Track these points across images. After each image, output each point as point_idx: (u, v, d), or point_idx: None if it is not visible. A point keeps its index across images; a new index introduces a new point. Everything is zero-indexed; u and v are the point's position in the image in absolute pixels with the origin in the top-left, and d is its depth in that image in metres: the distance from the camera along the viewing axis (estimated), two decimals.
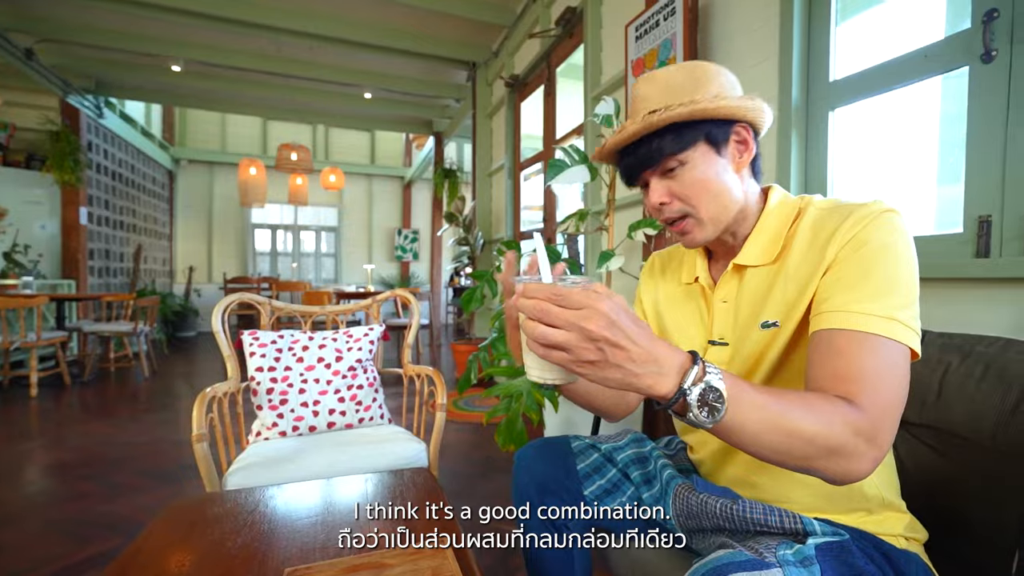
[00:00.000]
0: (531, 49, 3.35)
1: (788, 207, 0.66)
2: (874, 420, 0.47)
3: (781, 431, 0.45)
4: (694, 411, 0.44)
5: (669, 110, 0.60)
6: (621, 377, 0.44)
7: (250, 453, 1.25)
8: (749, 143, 0.65)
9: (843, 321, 0.52)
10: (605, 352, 0.42)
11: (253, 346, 1.49)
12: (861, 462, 0.47)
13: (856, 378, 0.49)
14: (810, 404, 0.47)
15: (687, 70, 0.65)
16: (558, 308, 0.43)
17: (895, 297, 0.52)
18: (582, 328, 0.42)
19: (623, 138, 0.64)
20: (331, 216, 8.31)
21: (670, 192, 0.65)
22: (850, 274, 0.54)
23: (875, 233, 0.54)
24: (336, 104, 5.65)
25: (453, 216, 3.89)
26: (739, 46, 1.60)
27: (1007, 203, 1.00)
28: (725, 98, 0.61)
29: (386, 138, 8.55)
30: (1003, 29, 1.01)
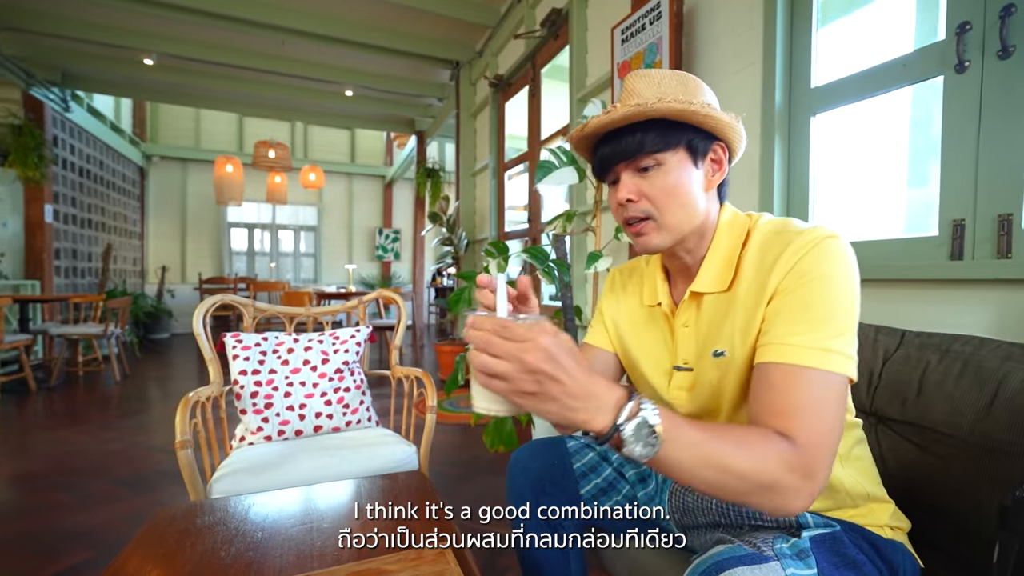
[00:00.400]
0: (516, 49, 3.35)
1: (738, 227, 0.67)
2: (808, 456, 0.48)
3: (714, 467, 0.47)
4: (628, 446, 0.45)
5: (662, 102, 0.60)
6: (558, 410, 0.45)
7: (235, 459, 1.22)
8: (723, 165, 0.66)
9: (780, 354, 0.53)
10: (543, 384, 0.44)
11: (236, 349, 1.46)
12: (796, 498, 0.48)
13: (791, 413, 0.50)
14: (744, 441, 0.48)
15: (679, 77, 0.66)
16: (500, 339, 0.44)
17: (831, 327, 0.53)
18: (521, 360, 0.43)
19: (610, 120, 0.63)
20: (310, 215, 8.16)
21: (639, 191, 0.64)
22: (789, 306, 0.55)
23: (814, 262, 0.55)
24: (316, 101, 5.55)
25: (437, 216, 3.87)
26: (724, 51, 1.63)
27: (979, 207, 1.04)
28: (716, 111, 0.62)
29: (367, 136, 8.45)
30: (975, 41, 1.05)
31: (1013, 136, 1.00)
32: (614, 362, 0.82)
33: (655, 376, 0.74)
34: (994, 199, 1.02)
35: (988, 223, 1.03)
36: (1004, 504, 0.63)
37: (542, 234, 3.14)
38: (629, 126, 0.63)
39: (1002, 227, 1.01)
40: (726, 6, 1.63)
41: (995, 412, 0.76)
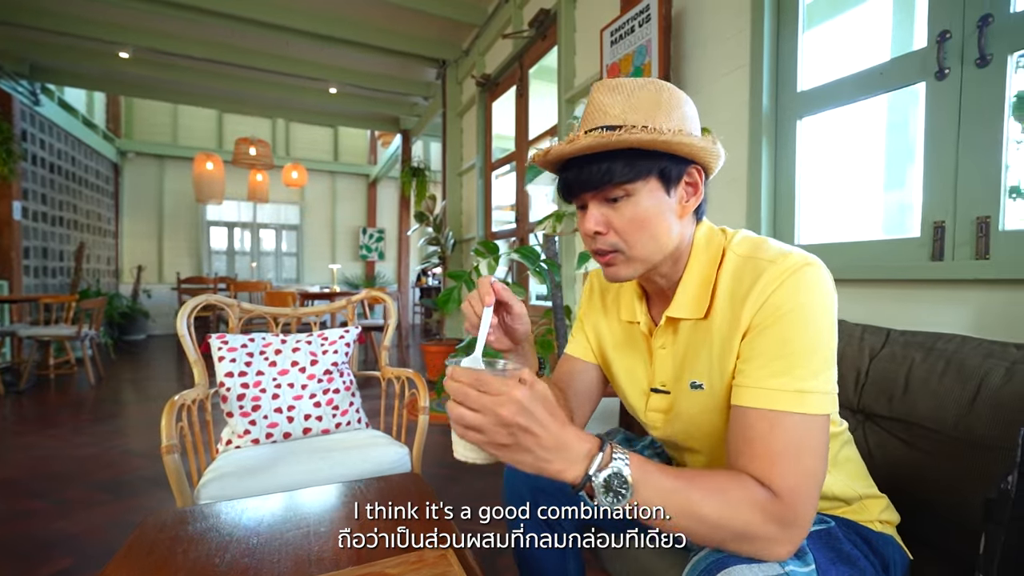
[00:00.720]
0: (503, 49, 3.35)
1: (713, 246, 0.63)
2: (787, 504, 0.47)
3: (688, 517, 0.47)
4: (599, 496, 0.46)
5: (629, 132, 0.54)
6: (532, 461, 0.46)
7: (222, 463, 1.19)
8: (699, 188, 0.62)
9: (756, 399, 0.52)
10: (517, 436, 0.45)
11: (222, 350, 1.42)
12: (776, 546, 0.47)
13: (770, 460, 0.49)
14: (720, 489, 0.48)
15: (653, 91, 0.60)
16: (476, 393, 0.46)
17: (807, 366, 0.51)
18: (496, 413, 0.45)
19: (572, 150, 0.57)
20: (292, 214, 8.03)
21: (607, 222, 0.60)
22: (764, 344, 0.53)
23: (788, 294, 0.53)
24: (299, 98, 5.47)
25: (423, 215, 3.84)
26: (712, 55, 1.66)
27: (959, 210, 1.08)
28: (689, 136, 0.57)
29: (350, 135, 8.35)
30: (954, 49, 1.09)
31: (990, 142, 1.04)
32: (596, 375, 0.80)
33: (633, 395, 0.73)
34: (973, 202, 1.06)
35: (967, 225, 1.06)
36: (989, 497, 0.65)
37: (530, 234, 3.15)
38: (596, 153, 0.58)
39: (980, 229, 1.04)
40: (714, 10, 1.66)
41: (978, 408, 0.79)
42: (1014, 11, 1.01)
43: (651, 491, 0.46)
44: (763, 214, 1.49)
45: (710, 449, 0.65)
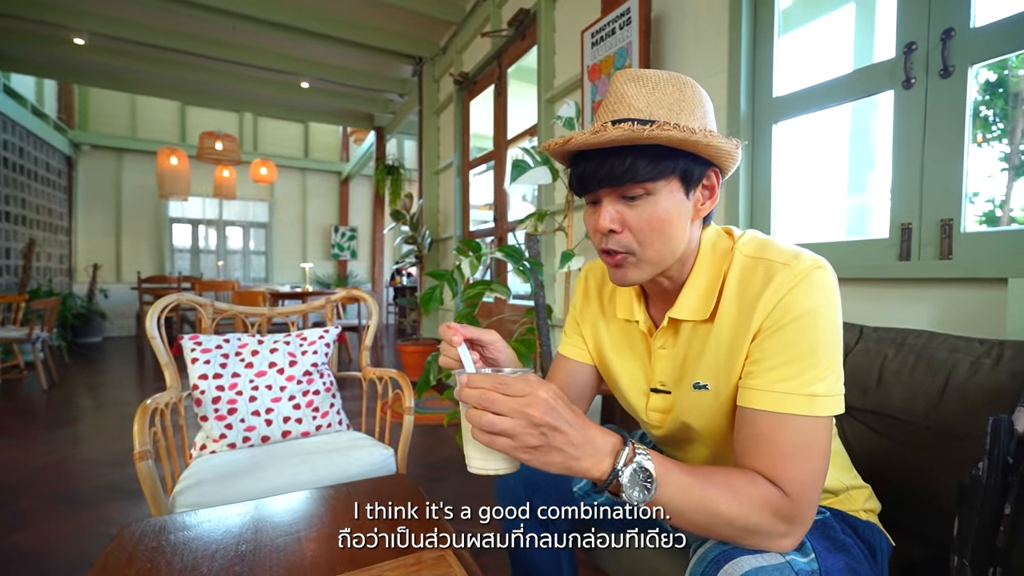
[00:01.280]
0: (481, 48, 3.34)
1: (720, 249, 0.63)
2: (794, 501, 0.49)
3: (704, 512, 0.48)
4: (627, 491, 0.46)
5: (662, 128, 0.52)
6: (562, 460, 0.46)
7: (197, 469, 1.14)
8: (715, 192, 0.61)
9: (766, 402, 0.52)
10: (547, 436, 0.45)
11: (195, 351, 1.37)
12: (782, 540, 0.49)
13: (779, 461, 0.50)
14: (733, 487, 0.49)
15: (677, 85, 0.58)
16: (502, 396, 0.45)
17: (816, 368, 0.52)
18: (526, 414, 0.44)
19: (598, 141, 0.54)
20: (261, 211, 7.78)
21: (623, 220, 0.58)
22: (774, 347, 0.53)
23: (797, 299, 0.53)
24: (269, 92, 5.30)
25: (400, 214, 3.79)
26: (691, 59, 1.70)
27: (924, 213, 1.14)
28: (718, 138, 0.55)
29: (321, 131, 8.15)
30: (920, 60, 1.15)
31: (953, 148, 1.10)
32: (592, 375, 0.79)
33: (633, 395, 0.72)
34: (937, 205, 1.12)
35: (932, 227, 1.12)
36: (962, 482, 0.69)
37: (509, 233, 3.14)
38: (619, 146, 0.55)
39: (944, 231, 1.10)
40: (694, 15, 1.70)
41: (947, 399, 0.83)
42: (974, 26, 1.07)
43: (671, 487, 0.47)
44: (740, 215, 1.53)
45: (711, 448, 0.66)
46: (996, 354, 0.83)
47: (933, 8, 1.13)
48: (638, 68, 0.62)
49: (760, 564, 0.47)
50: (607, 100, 0.60)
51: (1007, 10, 1.03)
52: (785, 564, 0.48)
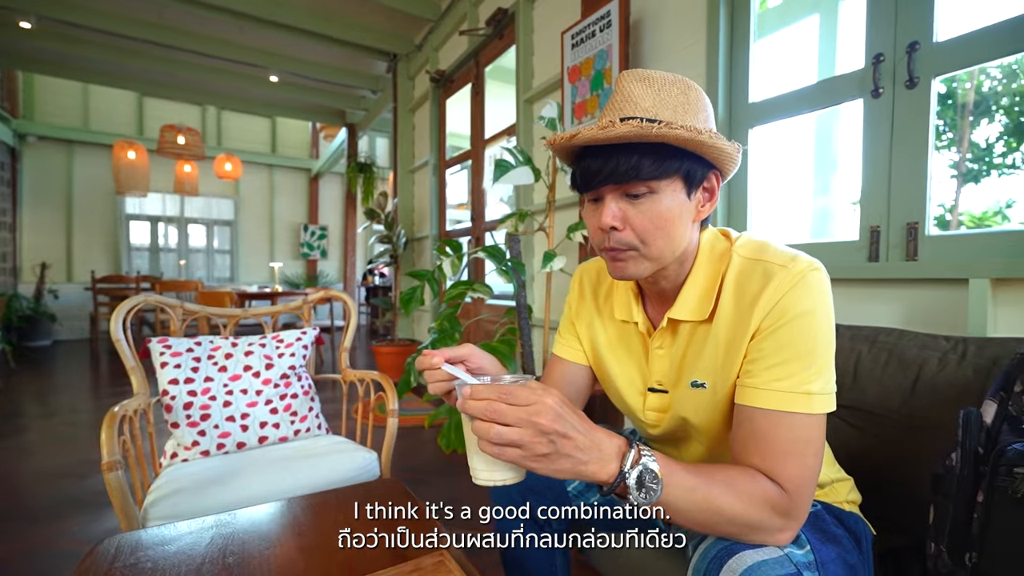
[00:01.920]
0: (458, 46, 3.31)
1: (718, 251, 0.64)
2: (792, 497, 0.51)
3: (707, 511, 0.49)
4: (633, 493, 0.47)
5: (670, 127, 0.53)
6: (571, 467, 0.46)
7: (169, 478, 1.09)
8: (715, 195, 0.62)
9: (765, 400, 0.54)
10: (556, 444, 0.45)
11: (165, 355, 1.30)
12: (779, 535, 0.51)
13: (777, 458, 0.52)
14: (734, 484, 0.50)
15: (682, 88, 0.60)
16: (508, 406, 0.44)
17: (812, 367, 0.53)
18: (534, 423, 0.44)
19: (606, 137, 0.55)
20: (226, 208, 7.49)
21: (625, 218, 0.59)
22: (772, 347, 0.55)
23: (794, 300, 0.54)
24: (235, 85, 5.12)
25: (374, 213, 3.72)
26: (670, 63, 1.73)
27: (892, 216, 1.20)
28: (722, 139, 0.56)
29: (290, 126, 7.91)
30: (887, 71, 1.21)
31: (918, 155, 1.16)
32: (587, 376, 0.80)
33: (630, 395, 0.73)
34: (903, 209, 1.18)
35: (899, 230, 1.18)
36: (936, 472, 0.73)
37: (486, 233, 3.13)
38: (625, 144, 0.56)
39: (910, 234, 1.16)
40: (672, 19, 1.73)
41: (918, 393, 0.88)
42: (936, 40, 1.13)
43: (676, 487, 0.48)
44: (719, 217, 1.57)
45: (707, 445, 0.67)
46: (961, 350, 0.88)
47: (899, 22, 1.19)
48: (643, 69, 0.62)
49: (762, 558, 0.49)
50: (613, 99, 0.61)
51: (965, 27, 1.09)
52: (784, 557, 0.50)
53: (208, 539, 0.69)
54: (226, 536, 0.70)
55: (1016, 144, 2.88)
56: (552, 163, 1.85)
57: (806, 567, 0.50)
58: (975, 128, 2.90)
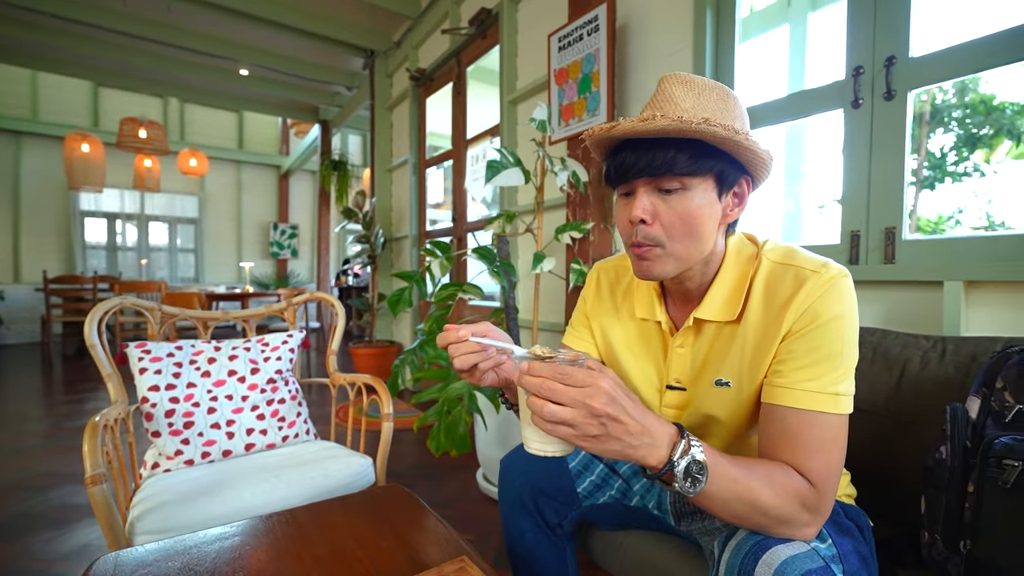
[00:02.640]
0: (438, 44, 3.28)
1: (745, 255, 0.66)
2: (820, 493, 0.53)
3: (745, 503, 0.51)
4: (679, 481, 0.48)
5: (709, 124, 0.54)
6: (620, 449, 0.48)
7: (152, 490, 1.04)
8: (744, 201, 0.64)
9: (795, 400, 0.56)
10: (607, 427, 0.46)
11: (144, 361, 1.24)
12: (806, 529, 0.53)
13: (807, 455, 0.54)
14: (772, 479, 0.52)
15: (721, 94, 0.61)
16: (563, 386, 0.46)
17: (838, 370, 0.55)
18: (587, 405, 0.45)
19: (645, 129, 0.56)
20: (190, 205, 7.19)
21: (655, 212, 0.60)
22: (802, 349, 0.56)
23: (826, 305, 0.56)
24: (201, 78, 4.91)
25: (352, 212, 3.64)
26: (658, 69, 1.76)
27: (871, 221, 1.26)
28: (758, 143, 0.57)
29: (258, 121, 7.67)
30: (867, 83, 1.26)
31: (894, 164, 1.22)
32: None
33: (647, 391, 0.73)
34: (882, 215, 1.24)
35: (878, 234, 1.24)
36: (927, 465, 0.77)
37: (468, 233, 3.12)
38: (662, 139, 0.58)
39: (888, 238, 1.22)
40: (657, 25, 1.76)
41: (902, 390, 0.93)
42: (911, 56, 1.20)
43: (720, 478, 0.49)
44: None
45: (726, 440, 0.68)
46: (940, 349, 0.93)
47: (878, 37, 1.25)
48: (684, 73, 0.63)
49: (794, 553, 0.50)
50: (654, 98, 0.62)
51: (938, 44, 1.16)
52: (812, 551, 0.52)
53: (213, 553, 0.66)
54: (232, 550, 0.67)
55: (967, 154, 3.08)
56: (541, 165, 1.85)
57: (832, 560, 0.52)
58: (931, 137, 3.07)
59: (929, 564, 0.72)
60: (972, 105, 2.96)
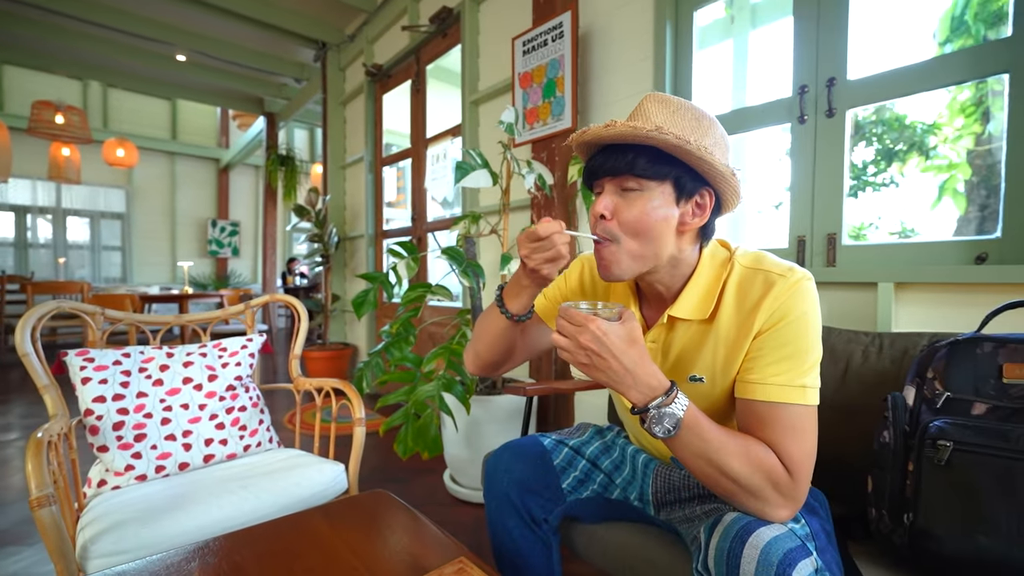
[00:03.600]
0: (396, 41, 3.22)
1: (718, 260, 0.71)
2: (795, 479, 0.58)
3: (712, 465, 0.58)
4: (649, 423, 0.59)
5: (660, 132, 0.60)
6: (605, 380, 0.60)
7: (105, 510, 0.96)
8: (706, 212, 0.67)
9: (766, 394, 0.61)
10: (592, 359, 0.59)
11: (87, 369, 1.15)
12: (780, 511, 0.58)
13: (780, 444, 0.59)
14: (747, 452, 0.58)
15: (696, 114, 0.66)
16: (565, 322, 0.60)
17: (804, 365, 0.61)
18: (575, 339, 0.59)
19: (606, 135, 0.64)
20: (116, 199, 6.61)
21: (615, 209, 0.66)
22: (771, 348, 0.62)
23: (794, 304, 0.61)
24: (130, 61, 4.53)
25: (304, 210, 3.50)
26: (619, 76, 1.83)
27: (815, 228, 1.37)
28: (711, 155, 0.61)
29: (193, 111, 7.16)
30: (811, 101, 1.38)
31: (835, 176, 1.34)
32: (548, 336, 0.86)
33: None
34: (824, 222, 1.36)
35: (821, 240, 1.36)
36: (873, 448, 0.86)
37: (428, 233, 3.08)
38: (626, 144, 0.64)
39: (830, 243, 1.34)
40: (619, 35, 1.83)
41: (848, 382, 1.02)
42: (850, 78, 1.32)
43: (691, 435, 0.59)
44: None
45: None
46: (878, 344, 1.03)
47: (820, 59, 1.36)
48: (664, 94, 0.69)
49: (775, 534, 0.55)
50: (632, 113, 0.68)
51: (871, 69, 1.29)
52: (789, 532, 0.57)
53: (193, 573, 0.62)
54: (213, 568, 0.64)
55: (885, 167, 3.42)
56: (507, 166, 1.87)
57: (806, 538, 0.57)
58: (853, 151, 3.39)
59: (877, 537, 0.80)
60: (888, 123, 3.29)
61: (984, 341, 0.83)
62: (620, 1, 1.82)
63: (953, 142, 2.79)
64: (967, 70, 1.16)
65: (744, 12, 1.87)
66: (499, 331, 0.79)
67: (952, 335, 0.90)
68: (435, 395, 1.51)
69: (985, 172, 2.50)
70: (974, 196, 2.44)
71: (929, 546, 0.70)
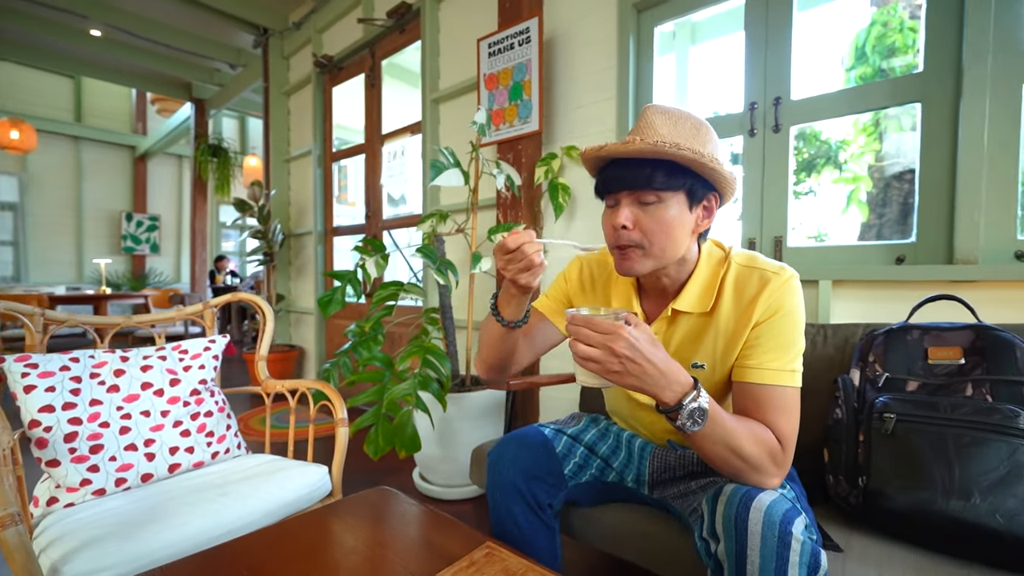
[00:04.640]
0: (349, 32, 3.12)
1: (715, 257, 0.79)
2: (785, 450, 0.67)
3: (729, 448, 0.64)
4: (682, 420, 0.62)
5: (679, 148, 0.66)
6: (637, 384, 0.61)
7: (62, 530, 0.87)
8: (712, 213, 0.75)
9: (763, 377, 0.69)
10: (626, 366, 0.60)
11: (30, 377, 1.04)
12: (773, 479, 0.66)
13: (774, 420, 0.67)
14: (755, 434, 0.65)
15: (695, 123, 0.73)
16: (591, 332, 0.60)
17: (792, 351, 0.70)
18: (608, 347, 0.59)
19: (626, 151, 0.68)
20: (7, 188, 5.82)
21: (636, 220, 0.71)
22: (766, 336, 0.70)
23: (786, 299, 0.70)
24: (29, 32, 4.02)
25: (246, 205, 3.29)
26: (583, 84, 1.90)
27: (764, 231, 1.52)
28: (722, 165, 0.68)
29: (102, 91, 6.44)
30: (760, 116, 1.53)
31: (780, 185, 1.49)
32: (558, 335, 0.92)
33: None
34: (772, 226, 1.51)
35: (769, 242, 1.51)
36: (827, 424, 0.98)
37: (384, 231, 3.02)
38: (641, 159, 0.69)
39: (777, 245, 1.49)
40: (582, 42, 1.91)
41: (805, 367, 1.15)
42: (792, 98, 1.48)
43: (715, 426, 0.62)
44: None
45: None
46: (824, 333, 1.17)
47: (768, 79, 1.51)
48: (663, 104, 0.75)
49: (773, 498, 0.63)
50: (637, 125, 0.73)
51: (811, 92, 1.45)
52: (782, 496, 0.65)
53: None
54: (239, 572, 0.61)
55: (805, 177, 3.82)
56: (475, 166, 1.89)
57: (794, 500, 0.66)
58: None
59: (836, 499, 0.92)
60: (808, 138, 3.68)
61: (912, 329, 0.97)
62: (584, 11, 1.90)
63: (857, 158, 3.16)
64: (886, 98, 1.34)
65: (685, 29, 2.02)
66: (499, 337, 0.83)
67: (885, 325, 1.05)
68: (411, 393, 1.50)
69: (882, 185, 2.86)
70: (874, 205, 2.79)
71: (881, 504, 0.82)
